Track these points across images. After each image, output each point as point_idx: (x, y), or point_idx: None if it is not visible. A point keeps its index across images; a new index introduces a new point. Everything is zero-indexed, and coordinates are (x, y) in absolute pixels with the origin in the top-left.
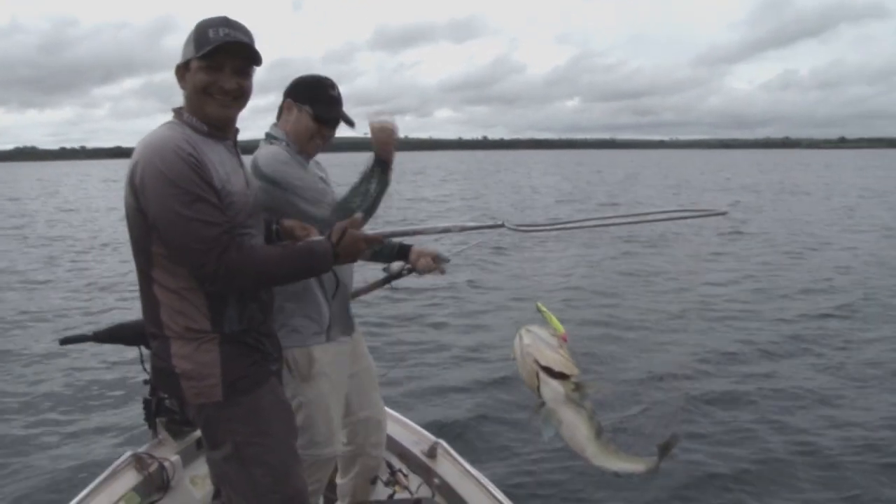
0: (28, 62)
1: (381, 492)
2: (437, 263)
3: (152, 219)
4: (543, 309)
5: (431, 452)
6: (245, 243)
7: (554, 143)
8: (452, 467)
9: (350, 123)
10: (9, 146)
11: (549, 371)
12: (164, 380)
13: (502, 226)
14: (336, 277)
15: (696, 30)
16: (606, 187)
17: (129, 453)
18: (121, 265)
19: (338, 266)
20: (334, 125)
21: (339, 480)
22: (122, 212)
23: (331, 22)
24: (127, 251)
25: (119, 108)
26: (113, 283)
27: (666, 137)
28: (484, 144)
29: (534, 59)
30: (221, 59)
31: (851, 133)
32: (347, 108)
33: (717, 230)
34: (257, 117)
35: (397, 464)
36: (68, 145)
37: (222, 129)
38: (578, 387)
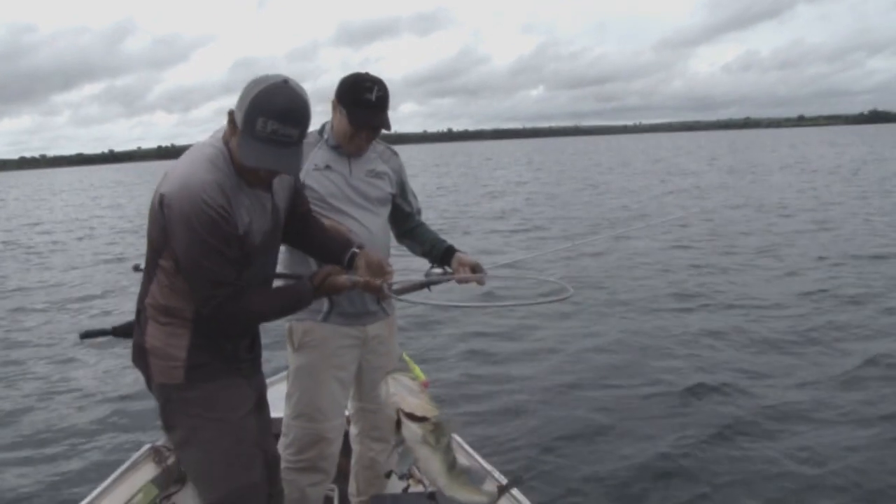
0: None
1: (396, 485)
2: (476, 275)
3: (173, 244)
4: (407, 358)
5: None
6: (243, 294)
7: (519, 132)
8: (466, 460)
9: (387, 128)
10: None
11: (411, 415)
12: (136, 354)
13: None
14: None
15: (659, 14)
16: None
17: (147, 446)
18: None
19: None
20: (371, 129)
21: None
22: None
23: (295, 19)
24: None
25: (79, 114)
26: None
27: (630, 122)
28: (448, 136)
29: (499, 49)
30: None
31: (810, 111)
32: (310, 105)
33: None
34: (221, 118)
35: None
36: (28, 154)
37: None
38: (436, 426)
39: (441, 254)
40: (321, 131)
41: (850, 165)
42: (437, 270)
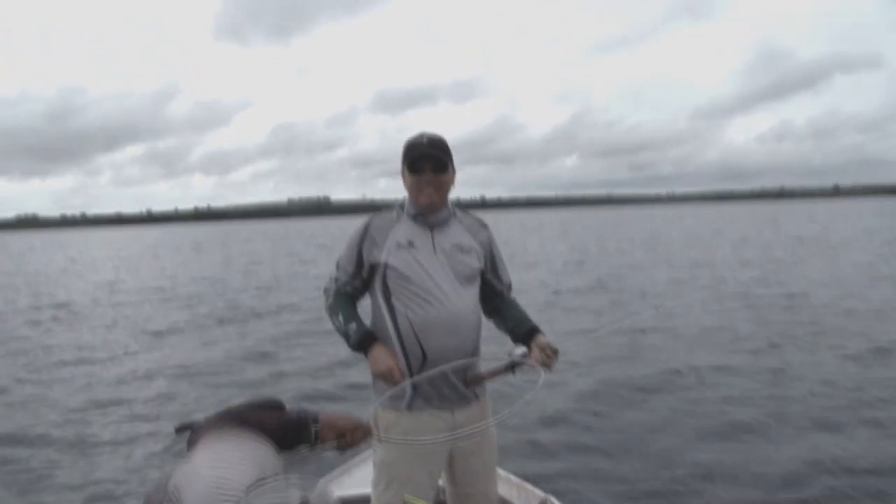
0: (33, 131)
1: None
2: (548, 358)
3: None
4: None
5: None
6: None
7: (551, 200)
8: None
9: (444, 166)
10: (10, 214)
11: None
12: None
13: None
14: (423, 354)
15: (694, 84)
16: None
17: None
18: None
19: (431, 339)
20: (431, 167)
21: None
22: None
23: (333, 85)
24: None
25: (120, 174)
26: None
27: (663, 191)
28: (482, 204)
29: (534, 117)
30: None
31: (845, 181)
32: (346, 170)
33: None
34: (258, 181)
35: None
36: (69, 213)
37: None
38: None
39: (524, 334)
40: (402, 205)
41: None
42: (520, 350)
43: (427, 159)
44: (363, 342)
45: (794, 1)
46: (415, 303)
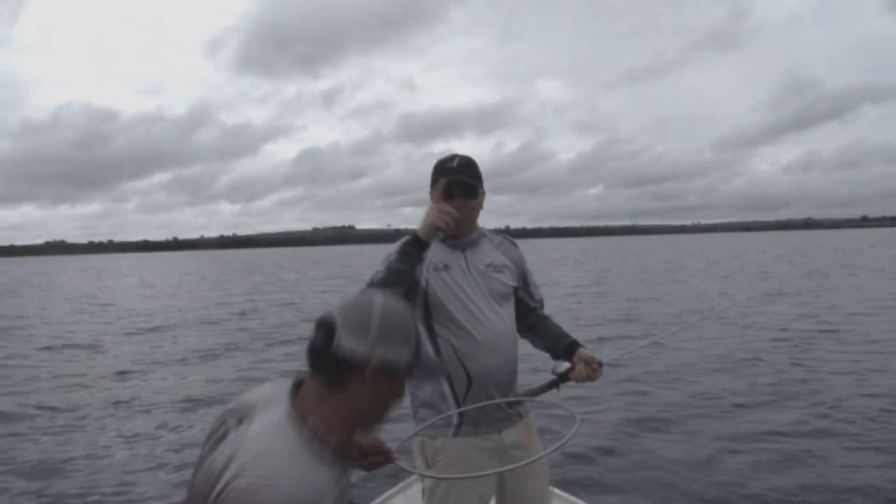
0: (64, 157)
1: None
2: (592, 371)
3: None
4: None
5: None
6: None
7: (576, 230)
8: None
9: (474, 192)
10: (39, 241)
11: None
12: None
13: None
14: (467, 374)
15: (719, 113)
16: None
17: None
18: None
19: (475, 360)
20: (462, 193)
21: None
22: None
23: (360, 115)
24: None
25: (147, 201)
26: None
27: (688, 222)
28: (506, 233)
29: (559, 146)
30: None
31: (873, 212)
32: (370, 199)
33: None
34: (283, 209)
35: None
36: (96, 239)
37: None
38: None
39: (564, 349)
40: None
41: None
42: (565, 365)
43: (458, 185)
44: (406, 240)
45: (821, 31)
46: (457, 325)
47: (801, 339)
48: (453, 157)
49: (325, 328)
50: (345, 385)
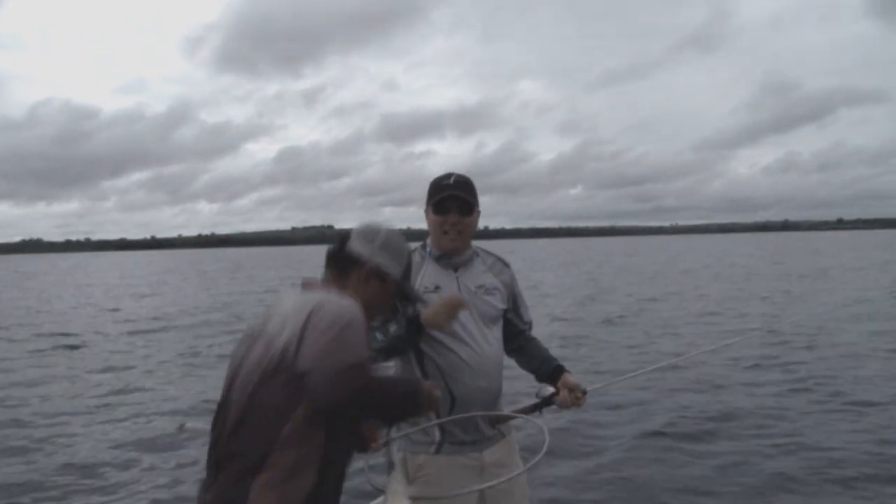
0: (42, 155)
1: None
2: (576, 399)
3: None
4: None
5: None
6: None
7: (555, 231)
8: None
9: (468, 208)
10: (15, 238)
11: None
12: None
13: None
14: (451, 395)
15: (699, 115)
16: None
17: None
18: None
19: (459, 382)
20: (457, 209)
21: None
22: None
23: (340, 115)
24: None
25: (125, 200)
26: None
27: (666, 223)
28: (485, 234)
29: (539, 147)
30: None
31: (849, 214)
32: (351, 198)
33: None
34: (262, 209)
35: None
36: (74, 237)
37: None
38: None
39: (550, 372)
40: (424, 245)
41: None
42: (549, 390)
43: (453, 200)
44: (412, 323)
45: (800, 34)
46: (444, 346)
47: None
48: (450, 174)
49: (344, 237)
50: (348, 276)
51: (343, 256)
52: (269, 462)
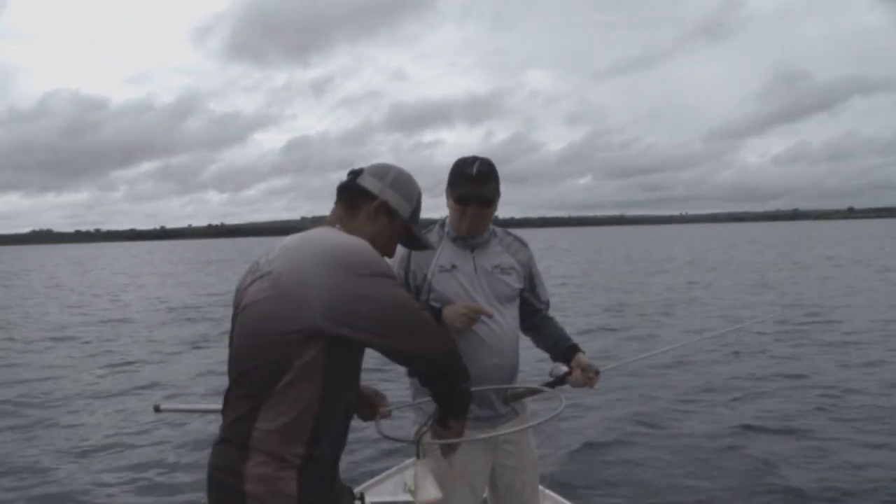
0: (51, 146)
1: None
2: (589, 379)
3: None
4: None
5: None
6: None
7: (564, 220)
8: None
9: (487, 202)
10: (25, 229)
11: None
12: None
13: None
14: None
15: (709, 105)
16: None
17: None
18: None
19: (474, 360)
20: (476, 202)
21: None
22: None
23: (349, 104)
24: None
25: (134, 190)
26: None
27: (676, 212)
28: (494, 223)
29: (549, 137)
30: None
31: (860, 203)
32: None
33: None
34: (271, 199)
35: None
36: (83, 228)
37: None
38: None
39: (564, 352)
40: (442, 224)
41: None
42: (563, 369)
43: (472, 195)
44: (434, 312)
45: (811, 23)
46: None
47: (797, 330)
48: (473, 161)
49: (357, 171)
50: (358, 209)
51: (353, 189)
52: (274, 390)
